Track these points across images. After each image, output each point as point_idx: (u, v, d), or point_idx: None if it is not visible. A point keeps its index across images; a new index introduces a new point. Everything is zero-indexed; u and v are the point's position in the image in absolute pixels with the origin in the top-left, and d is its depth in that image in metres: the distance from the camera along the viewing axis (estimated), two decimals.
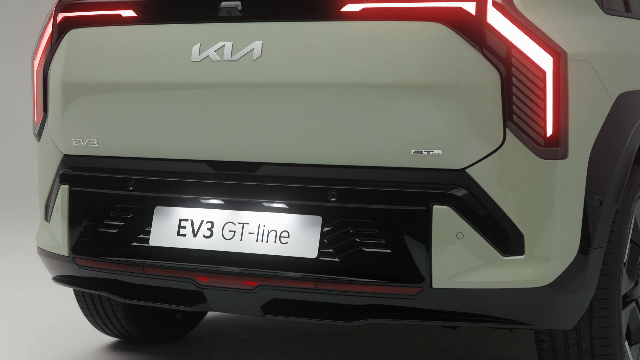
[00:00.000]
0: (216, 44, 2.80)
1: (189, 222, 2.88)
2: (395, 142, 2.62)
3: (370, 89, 2.63)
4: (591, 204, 2.67)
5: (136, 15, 2.94)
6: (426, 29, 2.58)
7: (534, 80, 2.54)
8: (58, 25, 3.13)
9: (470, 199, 2.57)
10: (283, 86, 2.73)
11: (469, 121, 2.57)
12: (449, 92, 2.57)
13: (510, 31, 2.55)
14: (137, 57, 2.94)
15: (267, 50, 2.74)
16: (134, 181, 2.96)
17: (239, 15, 2.78)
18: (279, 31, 2.74)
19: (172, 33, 2.88)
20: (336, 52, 2.66)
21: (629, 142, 2.83)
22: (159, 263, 2.89)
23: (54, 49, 3.14)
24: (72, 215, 3.08)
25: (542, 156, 2.56)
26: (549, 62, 2.54)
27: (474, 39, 2.55)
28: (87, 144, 3.07)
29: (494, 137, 2.57)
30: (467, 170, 2.58)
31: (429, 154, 2.60)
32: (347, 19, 2.66)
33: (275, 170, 2.78)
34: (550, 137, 2.55)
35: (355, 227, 2.66)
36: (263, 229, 2.78)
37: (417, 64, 2.59)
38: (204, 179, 2.87)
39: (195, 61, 2.82)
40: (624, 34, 3.07)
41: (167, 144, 2.92)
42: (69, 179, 3.09)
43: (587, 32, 2.80)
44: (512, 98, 2.55)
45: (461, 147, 2.58)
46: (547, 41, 2.55)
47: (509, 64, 2.54)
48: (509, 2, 2.57)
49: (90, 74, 3.03)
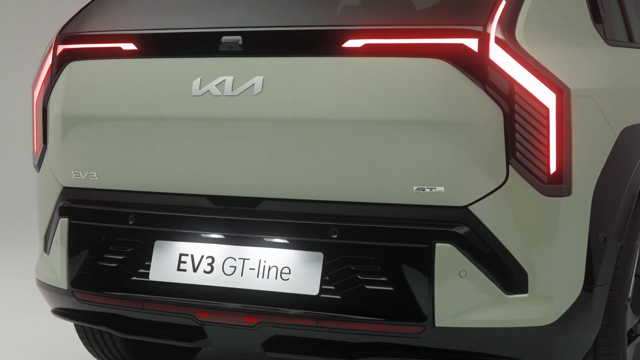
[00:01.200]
0: (217, 79, 2.78)
1: (189, 257, 2.86)
2: (397, 179, 2.60)
3: (372, 125, 2.61)
4: (595, 241, 2.64)
5: (136, 49, 2.93)
6: (428, 65, 2.56)
7: (537, 117, 2.52)
8: (58, 57, 3.11)
9: (473, 236, 2.55)
10: (284, 121, 2.71)
11: (471, 158, 2.55)
12: (452, 129, 2.55)
13: (512, 68, 2.53)
14: (138, 90, 2.92)
15: (268, 85, 2.72)
16: (134, 215, 2.94)
17: (240, 50, 2.76)
18: (280, 66, 2.72)
19: (173, 67, 2.87)
20: (337, 88, 2.65)
21: (633, 175, 2.81)
22: (158, 298, 2.87)
23: (53, 80, 3.13)
24: (72, 249, 3.06)
25: (545, 193, 2.54)
26: (552, 99, 2.53)
27: (477, 76, 2.53)
28: (87, 177, 3.06)
29: (497, 174, 2.55)
30: (470, 207, 2.56)
31: (432, 191, 2.58)
32: (348, 54, 2.64)
33: (276, 206, 2.75)
34: (553, 174, 2.53)
35: (357, 264, 2.64)
36: (264, 264, 2.76)
37: (419, 101, 2.57)
38: (204, 213, 2.85)
39: (195, 95, 2.81)
40: (627, 65, 3.05)
41: (168, 178, 2.90)
42: (69, 212, 3.07)
43: (590, 67, 2.78)
44: (515, 135, 2.53)
45: (464, 184, 2.56)
46: (549, 77, 2.53)
47: (512, 101, 2.52)
48: (512, 38, 2.55)
49: (90, 107, 3.02)
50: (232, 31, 2.78)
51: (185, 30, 2.88)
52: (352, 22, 2.67)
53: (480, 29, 2.55)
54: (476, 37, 2.54)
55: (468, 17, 2.57)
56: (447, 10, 2.64)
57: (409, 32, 2.59)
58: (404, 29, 2.60)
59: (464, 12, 2.60)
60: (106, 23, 3.06)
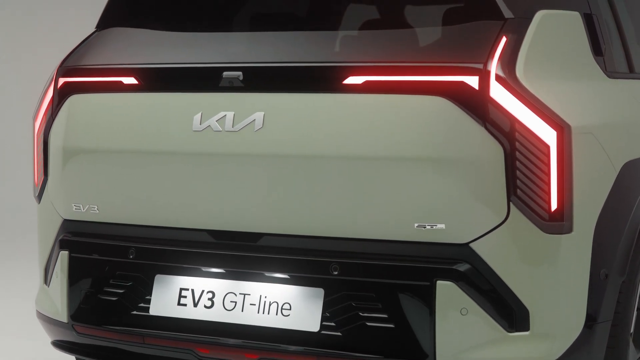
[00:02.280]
0: (218, 114, 2.78)
1: (189, 292, 2.86)
2: (398, 216, 2.60)
3: (373, 162, 2.61)
4: (597, 278, 2.64)
5: (138, 83, 2.93)
6: (429, 102, 2.56)
7: (538, 154, 2.52)
8: (59, 90, 3.12)
9: (474, 274, 2.54)
10: (284, 157, 2.71)
11: (472, 195, 2.54)
12: (452, 166, 2.55)
13: (513, 105, 2.53)
14: (138, 124, 2.92)
15: (269, 121, 2.72)
16: (134, 249, 2.94)
17: (241, 85, 2.76)
18: (281, 102, 2.72)
19: (174, 101, 2.87)
20: (338, 125, 2.65)
21: (634, 210, 2.80)
22: (159, 333, 2.86)
23: (54, 113, 3.13)
24: (72, 282, 3.06)
25: (546, 231, 2.53)
26: (552, 137, 2.52)
27: (477, 114, 2.53)
28: (87, 210, 3.05)
29: (498, 211, 2.54)
30: (471, 244, 2.56)
31: (432, 228, 2.58)
32: (349, 91, 2.64)
33: (277, 241, 2.75)
34: (554, 211, 2.53)
35: (358, 301, 2.63)
36: (264, 300, 2.75)
37: (419, 138, 2.57)
38: (205, 248, 2.85)
39: (196, 131, 2.81)
40: (627, 98, 3.05)
41: (168, 212, 2.90)
42: (69, 245, 3.07)
43: (591, 102, 2.78)
44: (515, 172, 2.52)
45: (465, 222, 2.56)
46: (550, 115, 2.53)
47: (513, 138, 2.52)
48: (512, 75, 2.56)
49: (91, 140, 3.02)
50: (233, 66, 2.79)
51: (186, 65, 2.89)
52: (352, 58, 2.68)
53: (481, 66, 2.55)
54: (477, 74, 2.54)
55: (468, 55, 2.57)
56: (448, 47, 2.64)
57: (410, 69, 2.59)
58: (405, 66, 2.60)
59: (465, 49, 2.60)
60: (107, 57, 3.06)
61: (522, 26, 2.64)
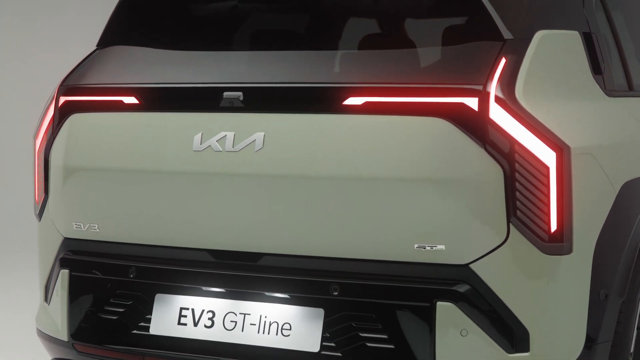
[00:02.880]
0: (218, 134, 2.79)
1: (189, 311, 2.86)
2: (398, 236, 2.60)
3: (373, 182, 2.62)
4: (596, 299, 2.64)
5: (138, 102, 2.94)
6: (429, 124, 2.57)
7: (538, 175, 2.53)
8: (60, 109, 3.13)
9: (474, 295, 2.55)
10: (285, 177, 2.72)
11: (472, 216, 2.55)
12: (452, 187, 2.55)
13: (512, 127, 2.54)
14: (139, 144, 2.93)
15: (269, 141, 2.73)
16: (135, 268, 2.94)
17: (241, 105, 2.77)
18: (281, 123, 2.73)
19: (174, 121, 2.88)
20: (338, 145, 2.65)
21: (634, 230, 2.80)
22: (159, 353, 2.86)
23: (55, 132, 3.14)
24: (72, 300, 3.06)
25: (546, 252, 2.54)
26: (552, 158, 2.53)
27: (477, 135, 2.54)
28: (88, 229, 3.06)
29: (497, 232, 2.55)
30: (471, 265, 2.56)
31: (432, 249, 2.58)
32: (349, 112, 2.65)
33: (277, 261, 2.75)
34: (554, 232, 2.53)
35: (358, 321, 2.63)
36: (265, 320, 2.75)
37: (419, 159, 2.58)
38: (205, 267, 2.85)
39: (196, 151, 2.81)
40: (627, 118, 3.06)
41: (169, 231, 2.90)
42: (69, 264, 3.07)
43: (590, 122, 2.79)
44: (515, 194, 2.53)
45: (465, 243, 2.56)
46: (549, 136, 2.54)
47: (512, 160, 2.53)
48: (511, 96, 2.56)
49: (92, 159, 3.03)
50: (234, 87, 2.79)
51: (186, 85, 2.89)
52: (352, 79, 2.69)
53: (481, 87, 2.56)
54: (476, 96, 2.55)
55: (468, 76, 2.58)
56: (448, 68, 2.64)
57: (410, 90, 2.60)
58: (405, 87, 2.61)
59: (464, 70, 2.60)
60: (108, 76, 3.07)
61: (521, 47, 2.65)
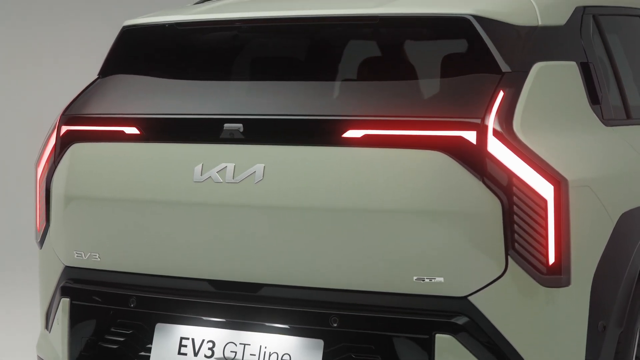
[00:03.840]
0: (218, 165, 2.81)
1: (190, 341, 2.87)
2: (397, 268, 2.62)
3: (372, 215, 2.64)
4: (595, 330, 2.65)
5: (139, 133, 2.96)
6: (427, 157, 2.59)
7: (535, 208, 2.54)
8: (61, 138, 3.15)
9: (473, 327, 2.56)
10: (284, 209, 2.73)
11: (471, 249, 2.56)
12: (451, 220, 2.57)
13: (510, 160, 2.56)
14: (140, 174, 2.95)
15: (269, 173, 2.75)
16: (135, 298, 2.95)
17: (241, 137, 2.79)
18: (281, 154, 2.75)
19: (175, 152, 2.90)
20: (338, 177, 2.67)
21: (632, 261, 2.82)
22: None
23: (57, 161, 3.16)
24: (73, 329, 3.07)
25: (544, 284, 2.55)
26: (549, 191, 2.55)
27: (475, 168, 2.56)
28: (89, 258, 3.07)
29: (496, 265, 2.56)
30: (470, 298, 2.58)
31: (431, 281, 2.59)
32: (348, 144, 2.67)
33: (277, 292, 2.77)
34: (552, 265, 2.55)
35: (357, 353, 2.65)
36: (264, 350, 2.77)
37: (418, 192, 2.59)
38: (205, 297, 2.86)
39: (197, 182, 2.83)
40: (624, 147, 3.07)
41: (169, 261, 2.92)
42: (70, 292, 3.09)
43: (587, 154, 2.81)
44: (513, 226, 2.55)
45: (463, 275, 2.57)
46: (547, 169, 2.56)
47: (510, 193, 2.54)
48: (509, 130, 2.58)
49: (93, 189, 3.04)
50: (234, 118, 2.82)
51: (187, 116, 2.92)
52: (352, 112, 2.71)
53: (479, 121, 2.58)
54: (474, 129, 2.57)
55: (466, 109, 2.60)
56: (446, 101, 2.66)
57: (408, 123, 2.62)
58: (403, 120, 2.63)
59: (463, 103, 2.63)
60: (109, 106, 3.09)
61: (519, 80, 2.68)
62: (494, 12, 2.74)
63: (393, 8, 2.82)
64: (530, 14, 2.85)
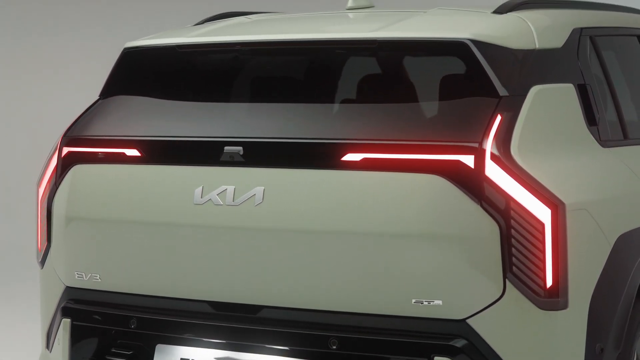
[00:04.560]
0: (218, 188, 2.83)
1: None
2: (396, 291, 2.64)
3: (371, 238, 2.66)
4: (592, 352, 2.67)
5: (140, 155, 2.99)
6: (426, 180, 2.61)
7: (533, 232, 2.56)
8: (63, 159, 3.17)
9: (471, 349, 2.58)
10: (284, 231, 2.76)
11: (469, 272, 2.58)
12: (449, 243, 2.59)
13: (508, 184, 2.58)
14: (141, 196, 2.97)
15: (269, 196, 2.77)
16: (136, 319, 2.97)
17: (241, 160, 2.82)
18: (281, 177, 2.77)
19: (176, 174, 2.92)
20: (337, 200, 2.70)
21: (629, 283, 2.84)
22: None
23: (58, 182, 3.18)
24: (74, 349, 3.09)
25: (542, 307, 2.57)
26: (547, 214, 2.57)
27: (473, 192, 2.58)
28: (90, 279, 3.09)
29: (494, 288, 2.58)
30: (468, 320, 2.59)
31: (430, 304, 2.61)
32: (347, 168, 2.69)
33: (277, 314, 2.79)
34: (550, 288, 2.57)
35: None
36: None
37: (417, 215, 2.62)
38: (205, 319, 2.88)
39: (197, 204, 2.85)
40: (621, 169, 3.09)
41: (169, 282, 2.94)
42: (71, 313, 3.11)
43: (584, 177, 2.83)
44: (511, 250, 2.57)
45: (462, 298, 2.59)
46: (544, 193, 2.58)
47: (508, 216, 2.57)
48: (507, 154, 2.61)
49: (94, 210, 3.07)
50: (234, 141, 2.84)
51: (188, 139, 2.94)
52: (351, 135, 2.73)
53: (477, 145, 2.60)
54: (472, 153, 2.59)
55: (464, 133, 2.62)
56: (444, 125, 2.69)
57: (407, 147, 2.64)
58: (402, 144, 2.65)
59: (461, 127, 2.65)
60: (110, 128, 3.12)
61: (516, 103, 2.70)
62: (491, 36, 2.77)
63: (392, 32, 2.84)
64: (527, 37, 2.87)
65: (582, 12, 3.36)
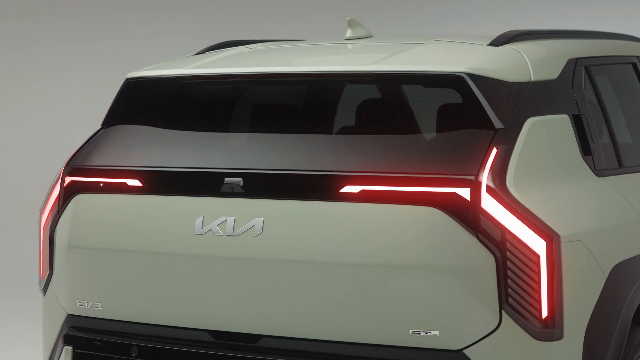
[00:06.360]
0: (219, 219, 2.87)
1: None
2: (393, 321, 2.67)
3: (369, 269, 2.69)
4: None
5: (141, 185, 3.03)
6: (422, 213, 2.65)
7: (528, 264, 2.60)
8: (65, 188, 3.21)
9: None
10: (283, 262, 2.79)
11: (465, 303, 2.62)
12: (446, 275, 2.63)
13: (504, 217, 2.62)
14: (142, 226, 3.01)
15: (268, 226, 2.81)
16: (137, 347, 3.00)
17: (241, 191, 2.86)
18: (280, 209, 2.81)
19: (177, 205, 2.96)
20: (335, 232, 2.74)
21: (624, 313, 2.87)
22: None
23: (60, 210, 3.22)
24: None
25: (538, 338, 2.60)
26: (542, 246, 2.61)
27: (469, 224, 2.62)
28: (91, 307, 3.13)
29: (490, 319, 2.62)
30: (465, 351, 2.63)
31: (427, 334, 2.65)
32: (346, 200, 2.73)
33: (276, 343, 2.82)
34: (545, 319, 2.60)
35: None
36: None
37: (414, 247, 2.65)
38: (205, 348, 2.91)
39: (198, 234, 2.89)
40: (616, 198, 3.12)
41: (170, 311, 2.97)
42: (73, 341, 3.14)
43: (579, 207, 2.87)
44: (507, 281, 2.60)
45: (458, 328, 2.63)
46: (540, 225, 2.62)
47: (504, 248, 2.61)
48: (502, 186, 2.65)
49: (96, 240, 3.10)
50: (234, 172, 2.88)
51: (189, 170, 2.98)
52: (350, 167, 2.77)
53: (473, 178, 2.64)
54: (468, 186, 2.63)
55: (461, 166, 2.67)
56: (441, 158, 2.73)
57: (404, 179, 2.69)
58: (399, 176, 2.69)
59: (457, 160, 2.69)
60: (112, 158, 3.16)
61: (512, 136, 2.74)
62: (487, 70, 2.82)
63: (389, 65, 2.89)
64: (522, 70, 2.92)
65: (577, 42, 3.41)
